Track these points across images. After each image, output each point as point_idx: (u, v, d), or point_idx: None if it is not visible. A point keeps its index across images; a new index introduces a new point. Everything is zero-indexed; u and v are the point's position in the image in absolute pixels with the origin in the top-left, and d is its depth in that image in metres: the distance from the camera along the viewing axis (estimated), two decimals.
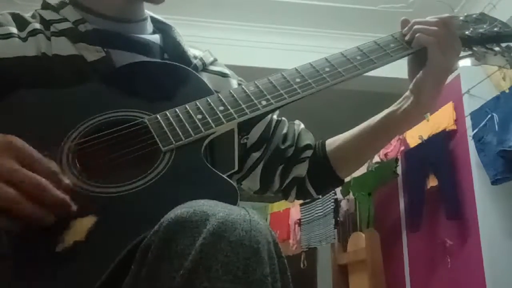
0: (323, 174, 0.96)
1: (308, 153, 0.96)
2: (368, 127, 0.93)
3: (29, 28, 0.83)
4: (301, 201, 3.61)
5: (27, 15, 0.87)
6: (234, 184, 0.65)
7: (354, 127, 0.96)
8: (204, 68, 0.94)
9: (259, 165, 0.95)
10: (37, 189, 0.56)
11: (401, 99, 0.90)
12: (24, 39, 0.81)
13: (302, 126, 1.01)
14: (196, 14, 3.22)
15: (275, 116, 0.99)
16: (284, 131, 0.98)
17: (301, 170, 0.96)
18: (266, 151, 0.95)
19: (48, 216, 0.57)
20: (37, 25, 0.84)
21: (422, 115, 0.89)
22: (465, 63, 2.43)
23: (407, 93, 0.89)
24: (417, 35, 0.85)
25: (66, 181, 0.60)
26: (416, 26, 0.86)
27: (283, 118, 1.00)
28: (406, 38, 0.87)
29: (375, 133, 0.92)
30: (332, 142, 0.97)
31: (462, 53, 0.92)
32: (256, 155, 0.94)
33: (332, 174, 0.96)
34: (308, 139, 0.98)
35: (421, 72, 0.86)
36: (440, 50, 0.83)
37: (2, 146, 0.57)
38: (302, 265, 3.72)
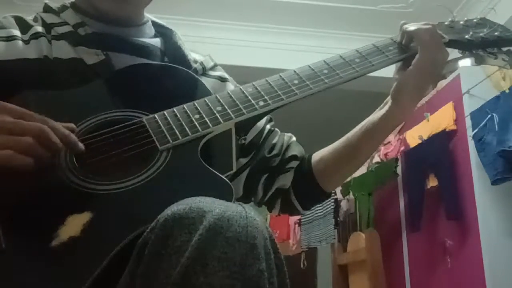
0: (307, 186, 0.94)
1: (294, 164, 0.95)
2: (347, 138, 0.91)
3: (32, 31, 0.84)
4: None
5: (29, 18, 0.88)
6: (230, 182, 0.66)
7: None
8: (204, 72, 0.95)
9: (245, 171, 0.93)
10: (41, 132, 0.62)
11: (381, 105, 0.89)
12: (27, 42, 0.82)
13: (294, 139, 1.00)
14: (196, 14, 3.23)
15: (268, 126, 0.98)
16: (274, 141, 0.96)
17: (285, 180, 0.94)
18: (253, 158, 0.94)
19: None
20: (39, 28, 0.85)
21: (400, 118, 0.87)
22: (465, 63, 2.42)
23: (387, 98, 0.88)
24: (407, 29, 0.86)
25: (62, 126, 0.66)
26: (407, 28, 0.86)
27: (276, 129, 0.99)
28: (403, 41, 0.87)
29: (353, 143, 0.90)
30: (317, 154, 0.95)
31: (462, 55, 0.92)
32: (243, 160, 0.93)
33: (316, 186, 0.94)
34: (296, 150, 0.96)
35: (405, 72, 0.84)
36: (428, 50, 0.82)
37: None
38: (302, 265, 3.73)
